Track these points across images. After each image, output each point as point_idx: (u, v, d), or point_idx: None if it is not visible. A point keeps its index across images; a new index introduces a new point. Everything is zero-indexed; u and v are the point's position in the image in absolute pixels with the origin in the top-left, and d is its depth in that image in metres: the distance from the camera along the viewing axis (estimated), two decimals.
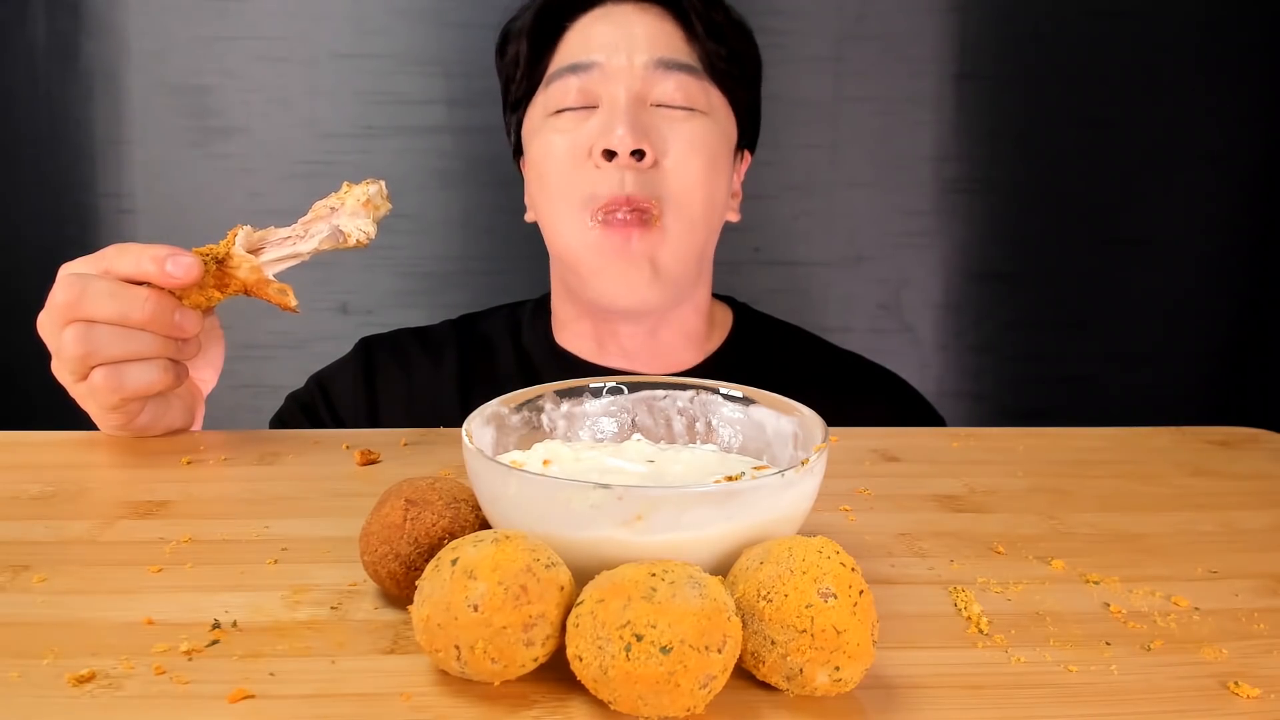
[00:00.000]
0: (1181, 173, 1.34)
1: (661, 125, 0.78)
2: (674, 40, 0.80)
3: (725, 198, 0.84)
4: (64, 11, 1.27)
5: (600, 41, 0.80)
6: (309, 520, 0.51)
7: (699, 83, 0.80)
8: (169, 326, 0.59)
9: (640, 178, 0.77)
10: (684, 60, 0.80)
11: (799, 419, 0.47)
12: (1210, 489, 0.58)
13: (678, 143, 0.78)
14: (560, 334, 0.90)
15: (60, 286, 0.59)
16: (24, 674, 0.36)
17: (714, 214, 0.82)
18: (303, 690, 0.35)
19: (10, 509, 0.52)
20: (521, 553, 0.34)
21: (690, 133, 0.79)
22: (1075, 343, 1.37)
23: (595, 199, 0.77)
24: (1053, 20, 1.31)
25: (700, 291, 0.87)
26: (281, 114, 1.29)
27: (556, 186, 0.80)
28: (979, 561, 0.47)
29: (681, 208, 0.78)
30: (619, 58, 0.79)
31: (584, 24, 0.82)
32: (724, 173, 0.82)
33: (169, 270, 0.59)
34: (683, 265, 0.80)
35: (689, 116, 0.79)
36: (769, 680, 0.35)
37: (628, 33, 0.80)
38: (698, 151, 0.79)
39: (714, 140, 0.80)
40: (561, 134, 0.79)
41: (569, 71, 0.80)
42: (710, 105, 0.81)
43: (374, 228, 0.62)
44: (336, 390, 0.90)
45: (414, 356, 0.91)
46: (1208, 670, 0.38)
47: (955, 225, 1.34)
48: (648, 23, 0.80)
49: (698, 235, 0.80)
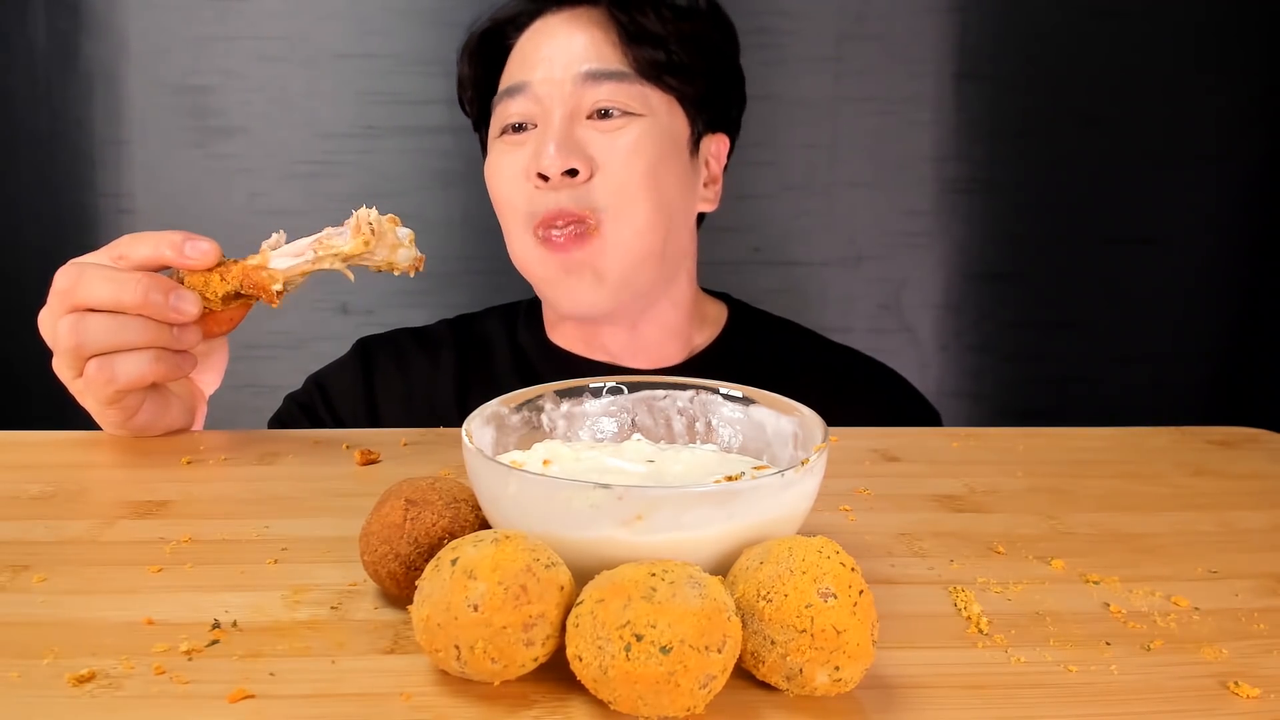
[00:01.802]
0: (1181, 173, 1.34)
1: (595, 138, 0.78)
2: (603, 48, 0.80)
3: (681, 193, 0.83)
4: (64, 11, 1.27)
5: (534, 59, 0.81)
6: (309, 520, 0.51)
7: (632, 87, 0.79)
8: (163, 309, 0.59)
9: (576, 193, 0.78)
10: (612, 68, 0.79)
11: (799, 419, 0.47)
12: (1210, 489, 0.58)
13: (614, 153, 0.78)
14: (552, 332, 0.91)
15: (59, 275, 0.59)
16: (24, 674, 0.36)
17: (666, 212, 0.81)
18: (303, 690, 0.35)
19: (10, 509, 0.52)
20: (521, 553, 0.34)
21: (625, 141, 0.78)
22: (1075, 343, 1.37)
23: (534, 215, 0.79)
24: (1053, 20, 1.31)
25: (678, 288, 0.87)
26: (281, 114, 1.29)
27: (502, 205, 0.82)
28: (979, 561, 0.47)
29: (623, 214, 0.78)
30: (551, 75, 0.79)
31: (523, 41, 0.83)
32: (673, 170, 0.82)
33: (187, 254, 0.59)
34: (630, 269, 0.80)
35: (625, 124, 0.79)
36: (769, 680, 0.35)
37: (560, 47, 0.80)
38: (635, 158, 0.78)
39: (653, 143, 0.80)
40: (505, 155, 0.81)
41: (506, 95, 0.82)
42: (649, 107, 0.80)
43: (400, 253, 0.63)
44: (335, 390, 0.90)
45: (412, 356, 0.91)
46: (1208, 670, 0.38)
47: (955, 225, 1.34)
48: (578, 34, 0.80)
49: (646, 238, 0.80)
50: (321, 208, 1.30)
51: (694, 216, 0.88)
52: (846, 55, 1.29)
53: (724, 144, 0.89)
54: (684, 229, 0.85)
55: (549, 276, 0.81)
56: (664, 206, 0.80)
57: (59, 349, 0.60)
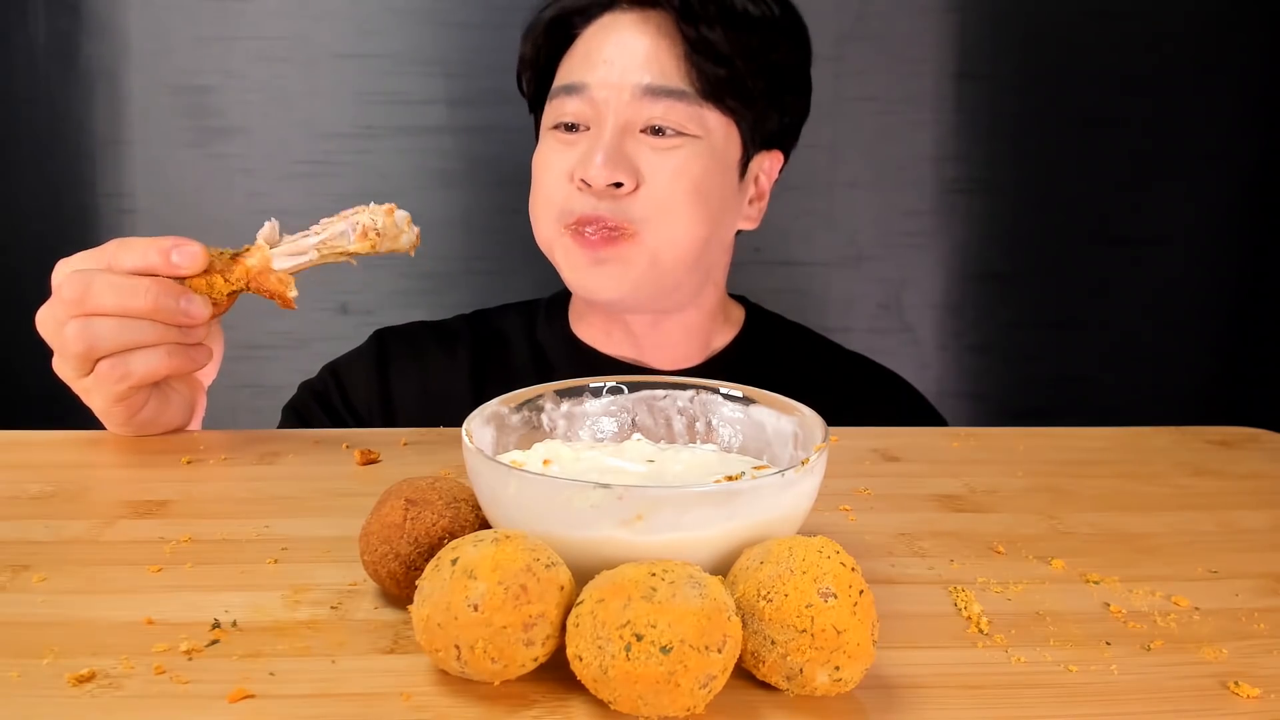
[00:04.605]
0: (1181, 173, 1.34)
1: (645, 154, 0.78)
2: (666, 61, 0.78)
3: (724, 212, 0.82)
4: (64, 11, 1.27)
5: (596, 58, 0.80)
6: (309, 520, 0.51)
7: (690, 108, 0.78)
8: (174, 314, 0.59)
9: (619, 205, 0.77)
10: (673, 85, 0.78)
11: (799, 419, 0.47)
12: (1210, 489, 0.58)
13: (661, 171, 0.78)
14: (577, 325, 0.91)
15: (65, 284, 0.59)
16: (24, 674, 0.36)
17: (704, 229, 0.80)
18: (303, 690, 0.35)
19: (10, 509, 0.52)
20: (521, 553, 0.34)
21: (675, 161, 0.78)
22: (1075, 343, 1.37)
23: (569, 214, 0.79)
24: (1052, 20, 1.31)
25: (705, 295, 0.87)
26: (281, 114, 1.29)
27: (540, 195, 0.82)
28: (979, 561, 0.47)
29: (660, 229, 0.78)
30: (610, 80, 0.78)
31: (588, 34, 0.82)
32: (718, 192, 0.81)
33: (175, 261, 0.60)
34: (659, 274, 0.80)
35: (678, 144, 0.78)
36: (769, 680, 0.35)
37: (623, 51, 0.79)
38: (681, 179, 0.78)
39: (702, 165, 0.79)
40: (554, 152, 0.81)
41: (564, 92, 0.81)
42: (705, 128, 0.79)
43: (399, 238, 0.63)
44: (350, 380, 0.90)
45: (428, 348, 0.91)
46: (1208, 670, 0.38)
47: (955, 225, 1.34)
48: (644, 39, 0.79)
49: (680, 251, 0.79)
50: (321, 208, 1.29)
51: (732, 233, 0.87)
52: (846, 55, 1.29)
53: (777, 161, 0.88)
54: (719, 245, 0.85)
55: (575, 265, 0.80)
56: (703, 225, 0.80)
57: (66, 353, 0.60)
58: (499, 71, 1.02)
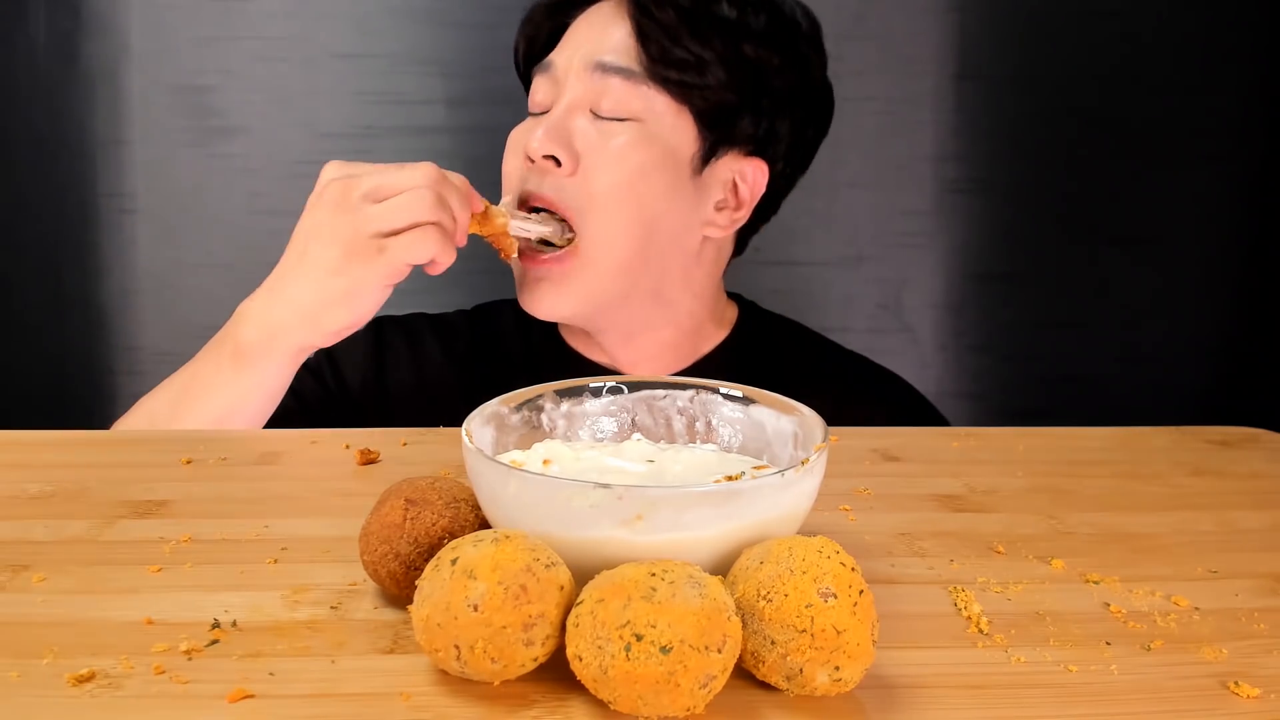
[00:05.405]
0: (1181, 173, 1.34)
1: (588, 133, 0.78)
2: (621, 40, 0.78)
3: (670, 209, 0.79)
4: (64, 11, 1.27)
5: (567, 41, 0.81)
6: (309, 520, 0.51)
7: (637, 87, 0.77)
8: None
9: (558, 183, 0.78)
10: (621, 64, 0.77)
11: (799, 418, 0.47)
12: (1210, 489, 0.58)
13: (600, 153, 0.77)
14: (564, 329, 0.91)
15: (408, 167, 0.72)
16: (24, 674, 0.36)
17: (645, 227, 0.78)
18: (302, 690, 0.35)
19: (10, 509, 0.52)
20: (521, 552, 0.34)
21: (616, 143, 0.77)
22: (1075, 343, 1.37)
23: (516, 192, 0.81)
24: (1052, 20, 1.31)
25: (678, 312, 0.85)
26: (281, 114, 1.29)
27: (505, 175, 0.84)
28: (979, 561, 0.47)
29: (595, 222, 0.77)
30: (569, 59, 0.80)
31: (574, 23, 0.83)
32: (661, 183, 0.78)
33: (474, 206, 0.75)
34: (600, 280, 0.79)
35: (620, 129, 0.77)
36: (769, 680, 0.35)
37: (590, 31, 0.80)
38: (619, 164, 0.77)
39: (644, 153, 0.77)
40: (520, 130, 0.83)
41: (537, 71, 0.83)
42: (651, 111, 0.78)
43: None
44: (346, 361, 0.90)
45: (425, 339, 0.92)
46: (1208, 670, 0.38)
47: (955, 225, 1.34)
48: (612, 22, 0.79)
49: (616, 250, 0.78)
50: None
51: (690, 238, 0.82)
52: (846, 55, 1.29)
53: (761, 170, 0.83)
54: (672, 249, 0.81)
55: (519, 280, 0.82)
56: (642, 220, 0.78)
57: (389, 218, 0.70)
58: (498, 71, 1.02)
